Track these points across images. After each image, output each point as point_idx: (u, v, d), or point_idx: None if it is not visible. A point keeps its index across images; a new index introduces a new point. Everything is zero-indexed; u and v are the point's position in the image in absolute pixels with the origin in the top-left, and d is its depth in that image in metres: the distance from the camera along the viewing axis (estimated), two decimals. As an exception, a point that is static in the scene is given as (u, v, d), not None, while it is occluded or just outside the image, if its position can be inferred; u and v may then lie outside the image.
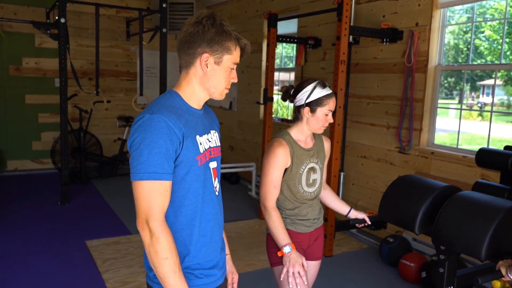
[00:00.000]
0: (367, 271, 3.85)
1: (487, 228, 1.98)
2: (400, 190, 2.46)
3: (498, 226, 1.98)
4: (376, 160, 4.56)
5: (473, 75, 19.26)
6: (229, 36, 1.49)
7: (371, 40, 4.53)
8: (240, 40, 1.53)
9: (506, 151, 2.79)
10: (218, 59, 1.49)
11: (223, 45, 1.48)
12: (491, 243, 1.98)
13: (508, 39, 4.44)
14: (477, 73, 19.03)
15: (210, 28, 1.47)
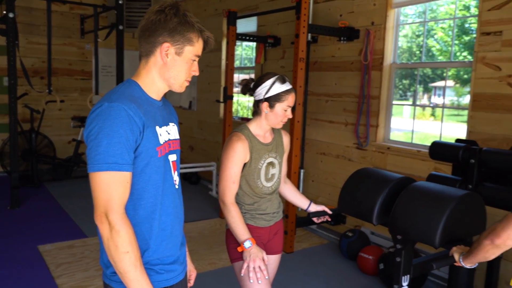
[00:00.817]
0: (327, 265, 3.89)
1: (441, 216, 2.04)
2: (358, 183, 2.50)
3: (451, 214, 2.05)
4: (335, 157, 4.63)
5: (425, 77, 20.09)
6: (192, 27, 1.45)
7: (329, 38, 4.60)
8: (203, 32, 1.49)
9: (457, 143, 2.90)
10: (179, 49, 1.46)
11: (185, 36, 1.45)
12: (445, 230, 2.04)
13: (457, 41, 4.63)
14: (429, 75, 19.87)
15: (172, 17, 1.43)
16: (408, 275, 2.33)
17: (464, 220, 2.16)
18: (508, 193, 2.61)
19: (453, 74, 14.54)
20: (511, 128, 3.15)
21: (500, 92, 3.21)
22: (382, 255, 3.54)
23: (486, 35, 3.29)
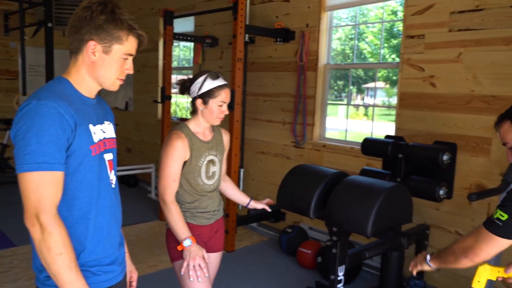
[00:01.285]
0: (268, 262, 3.97)
1: (372, 207, 2.17)
2: (295, 179, 2.59)
3: (381, 205, 2.18)
4: (273, 155, 4.73)
5: (358, 79, 20.98)
6: (120, 25, 1.41)
7: (266, 39, 4.69)
8: (134, 30, 1.44)
9: (386, 140, 3.08)
10: (106, 48, 1.41)
11: (113, 34, 1.40)
12: (376, 220, 2.17)
13: (386, 44, 4.89)
14: (362, 77, 20.79)
15: (99, 14, 1.38)
16: (343, 265, 2.45)
17: (393, 210, 2.30)
18: (432, 184, 2.82)
19: (384, 75, 15.32)
20: (434, 125, 3.39)
21: (424, 92, 3.45)
22: (320, 249, 3.67)
23: (410, 38, 3.52)
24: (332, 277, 2.45)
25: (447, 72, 3.30)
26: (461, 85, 3.23)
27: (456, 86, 3.26)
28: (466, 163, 3.20)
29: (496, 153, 3.06)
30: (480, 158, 3.15)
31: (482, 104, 3.13)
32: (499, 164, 3.03)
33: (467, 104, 3.21)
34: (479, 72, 3.14)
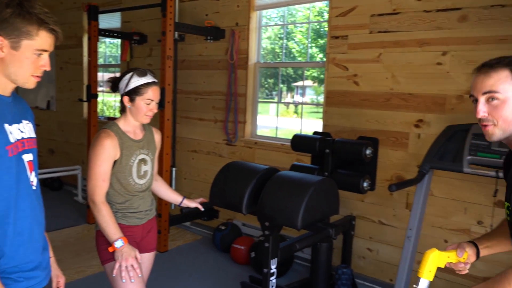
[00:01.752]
0: (202, 260, 3.97)
1: (301, 201, 2.26)
2: (227, 176, 2.62)
3: (310, 198, 2.28)
4: (206, 154, 4.73)
5: (288, 77, 21.58)
6: (29, 19, 1.32)
7: (196, 37, 4.67)
8: (45, 25, 1.35)
9: (314, 136, 3.21)
10: (15, 43, 1.32)
11: (20, 29, 1.31)
12: (305, 213, 2.26)
13: (314, 44, 5.08)
14: (292, 75, 21.42)
15: (4, 8, 1.29)
16: (276, 258, 2.53)
17: (321, 203, 2.41)
18: (356, 177, 2.99)
19: (312, 74, 15.82)
20: (358, 121, 3.59)
21: (348, 90, 3.63)
22: (253, 244, 3.73)
23: (335, 38, 3.69)
24: (265, 270, 2.51)
25: (368, 71, 3.51)
26: (381, 84, 3.45)
27: (377, 84, 3.47)
28: (387, 157, 3.42)
29: (413, 147, 3.31)
30: (399, 151, 3.38)
31: (400, 101, 3.37)
32: (415, 156, 3.27)
33: (387, 101, 3.43)
34: (397, 72, 3.36)
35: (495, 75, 1.27)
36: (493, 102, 1.28)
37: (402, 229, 3.26)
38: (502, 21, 2.88)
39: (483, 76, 1.29)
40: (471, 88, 1.36)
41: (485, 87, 1.28)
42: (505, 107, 1.27)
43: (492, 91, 1.27)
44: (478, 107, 1.30)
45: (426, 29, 3.20)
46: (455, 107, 3.11)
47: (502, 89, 1.26)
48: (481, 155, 2.62)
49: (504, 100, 1.27)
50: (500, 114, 1.27)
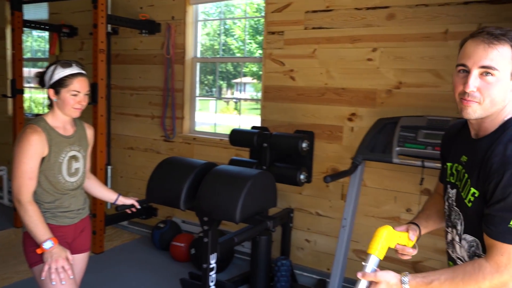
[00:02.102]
0: (140, 260, 3.87)
1: (239, 194, 2.26)
2: (164, 172, 2.57)
3: (248, 191, 2.29)
4: (143, 150, 4.61)
5: (228, 74, 21.56)
6: None
7: (130, 31, 4.52)
8: None
9: (252, 130, 3.23)
10: None
11: None
12: (243, 207, 2.27)
13: (253, 40, 5.11)
14: (232, 72, 21.45)
15: None
16: (215, 253, 2.52)
17: (259, 196, 2.44)
18: (293, 170, 3.05)
19: (252, 71, 15.87)
20: (294, 115, 3.66)
21: (285, 85, 3.69)
22: (193, 241, 3.70)
23: (271, 34, 3.73)
24: (205, 265, 2.50)
25: (304, 66, 3.59)
26: (316, 79, 3.54)
27: (312, 79, 3.56)
28: (322, 150, 3.52)
29: (347, 140, 3.43)
30: (334, 144, 3.49)
31: (334, 96, 3.47)
32: (349, 149, 3.39)
33: (322, 96, 3.53)
34: (331, 67, 3.47)
35: (500, 49, 1.13)
36: (488, 78, 1.15)
37: (338, 219, 3.37)
38: (426, 19, 3.06)
39: (486, 47, 1.14)
40: (462, 55, 1.21)
41: (485, 60, 1.14)
42: (497, 86, 1.16)
43: (492, 67, 1.14)
44: (469, 80, 1.16)
45: (357, 26, 3.32)
46: (385, 101, 3.26)
47: (502, 67, 1.14)
48: (408, 146, 2.76)
49: (498, 79, 1.15)
50: (490, 93, 1.16)
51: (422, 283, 1.19)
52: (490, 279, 1.13)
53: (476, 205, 1.21)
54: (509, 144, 1.16)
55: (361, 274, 1.24)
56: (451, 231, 1.37)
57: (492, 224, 1.14)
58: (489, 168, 1.16)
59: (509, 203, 1.11)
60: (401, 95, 3.20)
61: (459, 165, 1.32)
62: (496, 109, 1.20)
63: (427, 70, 3.08)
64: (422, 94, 3.11)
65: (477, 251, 1.26)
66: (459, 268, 1.20)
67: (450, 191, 1.37)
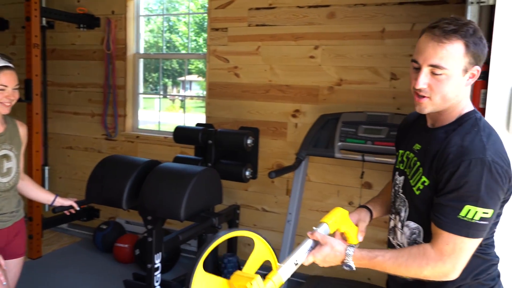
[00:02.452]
0: (82, 263, 3.72)
1: (184, 191, 2.23)
2: (105, 171, 2.48)
3: (192, 188, 2.27)
4: (83, 150, 4.43)
5: (173, 72, 21.21)
6: None
7: (67, 25, 4.32)
8: None
9: (196, 127, 3.20)
10: None
11: None
12: (188, 204, 2.24)
13: (198, 37, 5.05)
14: (177, 70, 21.11)
15: None
16: (160, 252, 2.47)
17: (204, 193, 2.42)
18: (239, 167, 3.05)
19: (198, 68, 15.70)
20: (239, 112, 3.66)
21: (230, 81, 3.69)
22: (137, 241, 3.60)
23: (215, 30, 3.71)
24: (149, 265, 2.44)
25: (248, 63, 3.60)
26: (260, 76, 3.56)
27: (256, 76, 3.58)
28: (267, 146, 3.55)
29: (291, 136, 3.49)
30: (279, 140, 3.54)
31: (278, 92, 3.51)
32: (293, 145, 3.45)
33: (267, 92, 3.56)
34: (275, 64, 3.50)
35: (449, 47, 1.14)
36: (437, 76, 1.17)
37: (283, 214, 3.41)
38: (364, 18, 3.17)
39: (436, 45, 1.15)
40: (416, 50, 1.22)
41: (434, 59, 1.16)
42: (448, 83, 1.17)
43: (441, 67, 1.15)
44: (419, 77, 1.18)
45: (299, 24, 3.38)
46: (327, 97, 3.34)
47: (451, 65, 1.15)
48: (350, 141, 2.85)
49: (449, 76, 1.17)
50: (440, 90, 1.18)
51: (366, 257, 1.21)
52: (433, 266, 1.16)
53: (425, 193, 1.23)
54: (466, 136, 1.17)
55: (310, 233, 1.26)
56: (394, 217, 1.38)
57: (442, 214, 1.16)
58: (445, 158, 1.17)
59: (462, 193, 1.13)
60: (342, 91, 3.29)
61: (410, 153, 1.33)
62: (451, 104, 1.22)
63: (366, 68, 3.19)
64: (361, 91, 3.22)
65: (418, 238, 1.28)
66: (405, 249, 1.23)
67: (397, 178, 1.38)
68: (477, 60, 1.18)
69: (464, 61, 1.16)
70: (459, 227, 1.13)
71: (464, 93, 1.23)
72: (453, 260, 1.15)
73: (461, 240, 1.14)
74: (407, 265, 1.18)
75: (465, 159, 1.13)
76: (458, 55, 1.15)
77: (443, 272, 1.16)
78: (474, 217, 1.13)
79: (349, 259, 1.22)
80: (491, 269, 1.29)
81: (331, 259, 1.24)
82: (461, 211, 1.13)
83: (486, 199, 1.12)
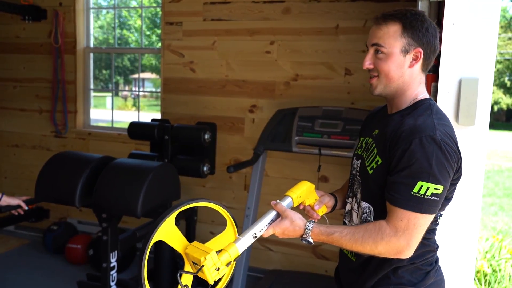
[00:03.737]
0: (31, 266, 3.55)
1: (140, 187, 2.18)
2: (56, 168, 2.38)
3: (149, 184, 2.21)
4: (30, 148, 4.22)
5: (125, 69, 20.72)
6: None
7: (11, 16, 4.10)
8: None
9: (152, 122, 3.13)
10: None
11: None
12: (145, 200, 2.19)
13: (152, 32, 4.93)
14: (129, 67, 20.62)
15: None
16: (116, 251, 2.40)
17: (161, 188, 2.37)
18: (196, 162, 3.01)
19: (150, 64, 15.34)
20: (196, 108, 3.62)
21: (185, 77, 3.64)
22: (91, 241, 3.49)
23: (170, 25, 3.64)
24: (105, 264, 2.37)
25: (204, 58, 3.56)
26: (217, 71, 3.53)
27: (212, 71, 3.55)
28: (225, 142, 3.54)
29: (249, 131, 3.49)
30: (236, 136, 3.53)
31: (235, 88, 3.50)
32: (251, 140, 3.45)
33: (223, 88, 3.54)
34: (231, 59, 3.49)
35: (385, 28, 1.27)
36: (379, 54, 1.28)
37: (242, 210, 3.40)
38: (319, 14, 3.22)
39: (375, 28, 1.30)
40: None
41: (373, 39, 1.29)
42: (388, 62, 1.27)
43: (379, 44, 1.27)
44: (365, 57, 1.31)
45: (255, 19, 3.38)
46: (283, 92, 3.37)
47: (388, 44, 1.26)
48: (306, 135, 2.89)
49: (388, 55, 1.27)
50: (382, 67, 1.28)
51: (325, 232, 1.24)
52: (387, 241, 1.19)
53: (377, 172, 1.28)
54: (419, 117, 1.25)
55: (274, 203, 1.28)
56: (351, 201, 1.43)
57: (396, 191, 1.20)
58: (398, 136, 1.23)
59: (414, 170, 1.17)
60: (298, 86, 3.33)
61: (370, 138, 1.38)
62: (399, 85, 1.30)
63: (321, 63, 3.25)
64: (317, 86, 3.28)
65: (368, 217, 1.32)
66: (362, 226, 1.26)
67: (355, 162, 1.43)
68: (418, 42, 1.27)
69: (402, 41, 1.26)
70: (412, 203, 1.18)
71: (413, 78, 1.31)
72: (407, 236, 1.19)
73: (414, 216, 1.18)
74: (363, 241, 1.21)
75: (416, 137, 1.19)
76: (395, 35, 1.26)
77: (397, 248, 1.20)
78: (426, 193, 1.17)
79: (307, 234, 1.25)
80: (429, 255, 1.33)
81: (290, 233, 1.26)
82: (414, 188, 1.17)
83: (438, 175, 1.17)
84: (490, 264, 3.13)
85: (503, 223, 5.85)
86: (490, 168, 10.43)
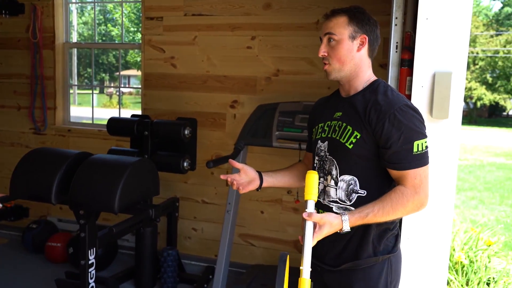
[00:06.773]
0: (9, 265, 3.49)
1: (118, 182, 2.16)
2: (32, 164, 2.35)
3: (127, 179, 2.19)
4: (9, 145, 4.15)
5: (110, 66, 20.47)
6: None
7: (-13, 11, 4.01)
8: None
9: (131, 118, 3.10)
10: None
11: None
12: (122, 196, 2.17)
13: (135, 28, 4.88)
14: (114, 64, 20.37)
15: None
16: (94, 248, 2.37)
17: (140, 184, 2.35)
18: (176, 158, 3.00)
19: (135, 61, 15.18)
20: (177, 103, 3.59)
21: (166, 72, 3.61)
22: (70, 240, 3.44)
23: (150, 19, 3.60)
24: (83, 262, 2.34)
25: (185, 53, 3.54)
26: (198, 66, 3.51)
27: (194, 67, 3.53)
28: (206, 137, 3.52)
29: (230, 126, 3.48)
30: (218, 131, 3.52)
31: (216, 83, 3.49)
32: (232, 136, 3.43)
33: (204, 83, 3.52)
34: (212, 54, 3.47)
35: (334, 20, 1.48)
36: (331, 42, 1.47)
37: (223, 205, 3.39)
38: (299, 10, 3.22)
39: (327, 21, 1.50)
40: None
41: (326, 29, 1.48)
42: (339, 47, 1.46)
43: (331, 33, 1.46)
44: (320, 46, 1.49)
45: (236, 14, 3.37)
46: (264, 88, 3.37)
47: (338, 32, 1.46)
48: (287, 130, 2.89)
49: (339, 41, 1.46)
50: (335, 53, 1.46)
51: (360, 218, 1.36)
52: (412, 200, 1.37)
53: (358, 145, 1.43)
54: (387, 92, 1.45)
55: (307, 215, 1.33)
56: (324, 180, 1.53)
57: (401, 159, 1.37)
58: (377, 113, 1.40)
59: (406, 135, 1.37)
60: (279, 82, 3.33)
61: (332, 121, 1.53)
62: (352, 68, 1.48)
63: (302, 58, 3.25)
64: (298, 81, 3.28)
65: (355, 187, 1.46)
66: (385, 197, 1.38)
67: (321, 145, 1.55)
68: (362, 30, 1.47)
69: (349, 29, 1.46)
70: (417, 161, 1.37)
71: (363, 61, 1.49)
72: (424, 189, 1.39)
73: (422, 170, 1.38)
74: (394, 209, 1.37)
75: (396, 108, 1.39)
76: (343, 24, 1.46)
77: (420, 202, 1.39)
78: (423, 148, 1.38)
79: (346, 226, 1.35)
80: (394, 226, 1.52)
81: (331, 233, 1.36)
82: (413, 149, 1.37)
83: (422, 130, 1.40)
84: (467, 255, 3.18)
85: (482, 216, 5.94)
86: (472, 163, 10.60)
